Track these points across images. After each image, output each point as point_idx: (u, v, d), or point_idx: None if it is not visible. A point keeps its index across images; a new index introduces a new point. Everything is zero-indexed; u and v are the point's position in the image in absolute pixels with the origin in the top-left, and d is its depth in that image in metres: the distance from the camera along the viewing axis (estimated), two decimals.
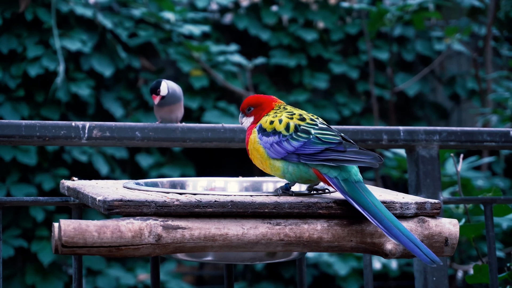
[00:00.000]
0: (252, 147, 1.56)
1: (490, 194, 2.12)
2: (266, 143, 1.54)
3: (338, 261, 4.56)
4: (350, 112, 5.31)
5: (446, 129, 2.16)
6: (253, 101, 1.64)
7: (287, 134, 1.53)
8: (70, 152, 4.59)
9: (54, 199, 1.84)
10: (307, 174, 1.51)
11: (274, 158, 1.52)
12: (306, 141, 1.50)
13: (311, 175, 1.51)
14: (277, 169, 1.52)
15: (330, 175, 1.48)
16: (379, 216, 1.40)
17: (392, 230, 1.39)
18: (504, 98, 4.44)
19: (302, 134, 1.52)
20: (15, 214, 4.47)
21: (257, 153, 1.55)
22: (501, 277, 2.13)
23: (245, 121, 1.64)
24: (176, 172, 4.81)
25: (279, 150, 1.52)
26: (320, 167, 1.49)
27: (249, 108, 1.63)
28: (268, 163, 1.53)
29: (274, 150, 1.53)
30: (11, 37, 4.59)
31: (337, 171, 1.48)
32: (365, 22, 5.06)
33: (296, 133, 1.52)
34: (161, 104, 2.09)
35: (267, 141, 1.54)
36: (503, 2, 4.94)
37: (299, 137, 1.51)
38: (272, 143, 1.53)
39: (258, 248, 1.42)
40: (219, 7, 5.44)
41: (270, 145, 1.53)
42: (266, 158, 1.53)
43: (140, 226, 1.35)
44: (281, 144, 1.52)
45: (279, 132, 1.54)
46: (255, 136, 1.56)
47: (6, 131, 1.88)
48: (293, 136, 1.52)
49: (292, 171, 1.51)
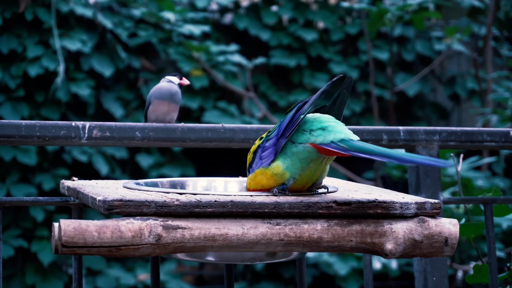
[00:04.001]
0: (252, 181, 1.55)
1: (490, 194, 2.12)
2: (257, 164, 1.55)
3: (338, 261, 4.56)
4: (350, 112, 5.31)
5: (446, 129, 2.16)
6: None
7: (263, 139, 1.55)
8: (70, 152, 4.59)
9: (54, 199, 1.84)
10: (304, 154, 1.49)
11: (269, 163, 1.52)
12: (279, 124, 1.52)
13: (308, 151, 1.49)
14: (277, 168, 1.51)
15: (326, 141, 1.48)
16: (386, 153, 1.43)
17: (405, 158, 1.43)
18: (504, 98, 4.44)
19: (273, 129, 1.53)
20: (15, 214, 4.47)
21: (258, 175, 1.54)
22: (501, 277, 2.13)
23: None
24: (176, 172, 4.81)
25: (267, 152, 1.53)
26: (313, 138, 1.48)
27: None
28: (268, 171, 1.52)
29: (264, 158, 1.53)
30: (11, 37, 4.59)
31: (331, 134, 1.48)
32: (365, 22, 5.06)
33: (269, 132, 1.55)
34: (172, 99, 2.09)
35: (256, 162, 1.55)
36: (503, 2, 4.94)
37: (273, 129, 1.53)
38: (259, 156, 1.54)
39: (258, 248, 1.42)
40: (219, 7, 5.44)
41: (259, 159, 1.54)
42: (265, 169, 1.52)
43: (140, 226, 1.35)
44: (264, 148, 1.54)
45: (257, 147, 1.56)
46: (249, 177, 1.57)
47: (6, 131, 1.88)
48: (268, 134, 1.54)
49: (290, 162, 1.50)
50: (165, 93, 2.10)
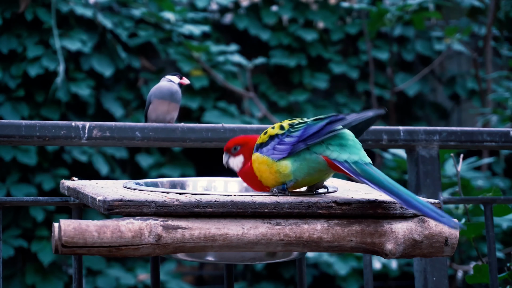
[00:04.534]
0: (257, 164, 1.53)
1: (490, 194, 2.12)
2: (268, 151, 1.53)
3: (338, 261, 4.56)
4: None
5: (446, 129, 2.16)
6: (240, 140, 1.61)
7: (284, 131, 1.53)
8: (70, 152, 4.59)
9: (54, 199, 1.84)
10: (315, 163, 1.49)
11: (280, 158, 1.52)
12: (305, 126, 1.51)
13: (319, 162, 1.49)
14: (284, 168, 1.51)
15: (340, 159, 1.47)
16: (395, 191, 1.42)
17: (412, 202, 1.41)
18: (504, 98, 4.44)
19: (300, 125, 1.52)
20: (15, 214, 4.47)
21: (263, 164, 1.52)
22: (501, 277, 2.13)
23: (232, 161, 1.61)
24: (176, 172, 4.81)
25: (283, 147, 1.52)
26: (328, 152, 1.48)
27: (236, 147, 1.60)
28: (275, 166, 1.51)
29: (278, 151, 1.52)
30: (11, 37, 4.59)
31: (346, 153, 1.48)
32: (365, 22, 5.06)
33: (293, 127, 1.53)
34: (173, 98, 2.09)
35: (268, 149, 1.53)
36: (503, 2, 4.94)
37: (298, 128, 1.52)
38: (274, 146, 1.52)
39: (258, 248, 1.42)
40: (219, 7, 5.44)
41: (273, 149, 1.52)
42: (272, 163, 1.52)
43: (140, 226, 1.35)
44: (282, 142, 1.52)
45: (275, 134, 1.53)
46: (256, 155, 1.55)
47: (6, 131, 1.88)
48: (291, 130, 1.52)
49: (299, 166, 1.50)
50: (165, 93, 2.11)
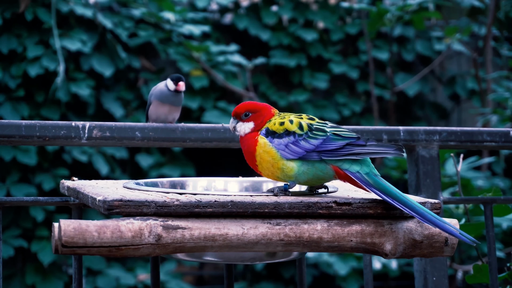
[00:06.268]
0: (262, 150, 1.52)
1: (490, 194, 2.12)
2: (279, 145, 1.52)
3: (338, 261, 4.56)
4: (350, 112, 5.31)
5: (446, 129, 2.16)
6: (252, 106, 1.58)
7: (302, 133, 1.51)
8: (70, 152, 4.59)
9: (54, 199, 1.84)
10: (323, 172, 1.49)
11: (289, 158, 1.51)
12: (325, 138, 1.50)
13: (327, 172, 1.49)
14: (290, 170, 1.50)
15: (352, 170, 1.47)
16: (410, 205, 1.42)
17: (428, 217, 1.42)
18: (504, 98, 4.44)
19: (318, 132, 1.51)
20: (15, 214, 4.47)
21: (268, 155, 1.52)
22: (501, 277, 2.13)
23: (241, 126, 1.58)
24: (176, 172, 4.81)
25: (296, 150, 1.51)
26: (340, 163, 1.48)
27: (247, 113, 1.57)
28: (281, 163, 1.51)
29: (290, 151, 1.51)
30: (11, 37, 4.59)
31: (358, 165, 1.48)
32: (365, 22, 5.06)
33: (311, 131, 1.51)
34: (173, 102, 2.11)
35: (280, 143, 1.52)
36: (503, 2, 4.94)
37: (317, 135, 1.50)
38: (287, 143, 1.52)
39: (258, 248, 1.42)
40: (219, 7, 5.44)
41: (285, 146, 1.51)
42: (279, 159, 1.51)
43: (140, 226, 1.35)
44: (298, 143, 1.51)
45: (292, 132, 1.52)
46: (264, 140, 1.54)
47: (6, 131, 1.88)
48: (309, 134, 1.51)
49: (305, 170, 1.50)
50: (164, 98, 2.14)
